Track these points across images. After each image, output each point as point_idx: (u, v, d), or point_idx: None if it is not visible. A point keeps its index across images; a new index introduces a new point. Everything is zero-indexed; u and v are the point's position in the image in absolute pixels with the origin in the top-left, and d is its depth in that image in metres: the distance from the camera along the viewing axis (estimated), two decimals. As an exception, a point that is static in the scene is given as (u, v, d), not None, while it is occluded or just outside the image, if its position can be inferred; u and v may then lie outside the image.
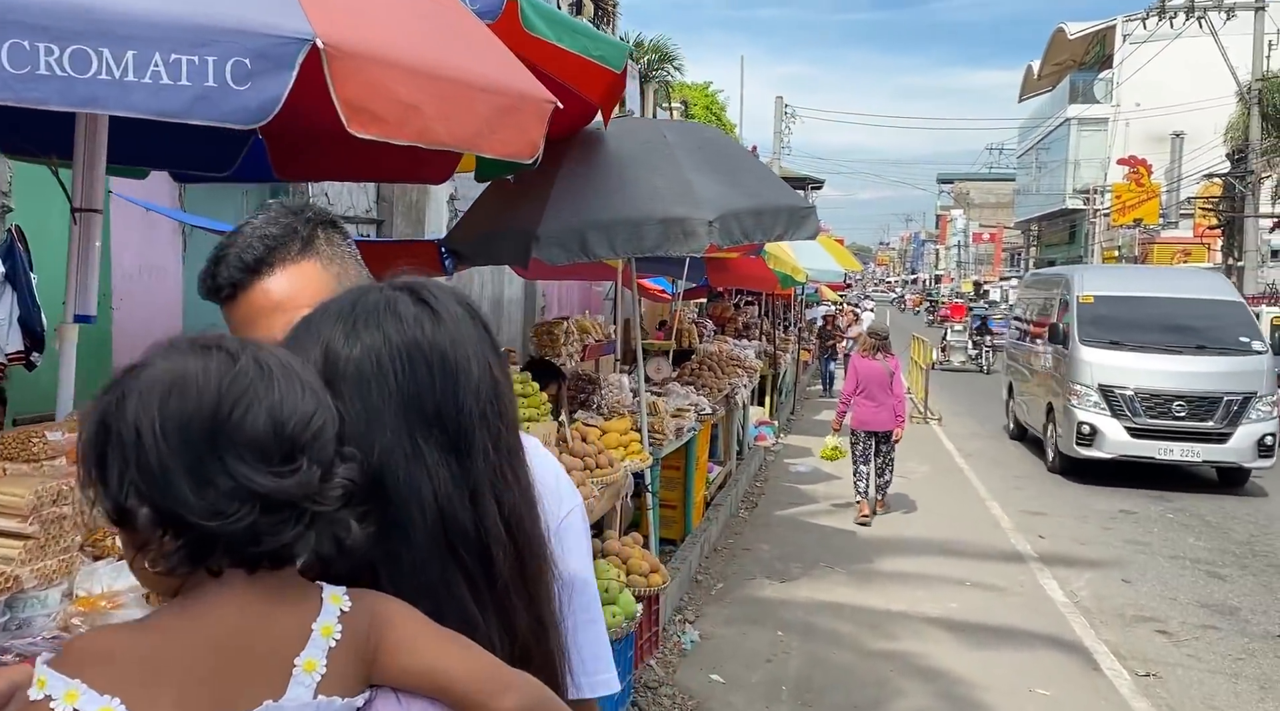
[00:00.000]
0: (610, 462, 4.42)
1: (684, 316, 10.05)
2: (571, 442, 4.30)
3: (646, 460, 5.00)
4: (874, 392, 8.68)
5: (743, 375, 9.67)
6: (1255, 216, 26.33)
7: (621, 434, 4.91)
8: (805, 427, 14.65)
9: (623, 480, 4.52)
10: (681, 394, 7.41)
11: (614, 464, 4.44)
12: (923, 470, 11.62)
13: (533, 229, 4.96)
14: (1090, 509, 9.79)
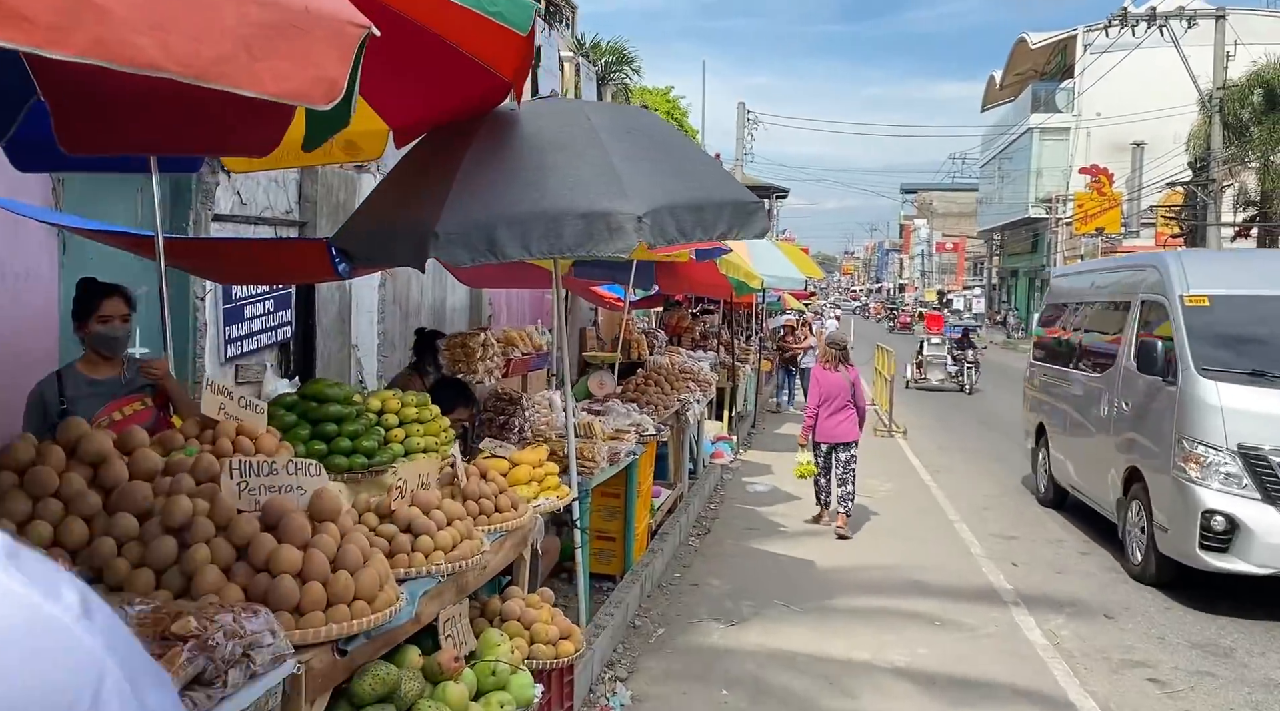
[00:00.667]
0: (514, 504, 3.64)
1: (632, 326, 9.31)
2: (464, 481, 3.51)
3: (566, 495, 4.22)
4: (836, 404, 8.54)
5: (695, 389, 8.94)
6: (1218, 225, 26.13)
7: (535, 466, 4.13)
8: (766, 442, 13.94)
9: (529, 524, 3.74)
10: (622, 412, 6.65)
11: (519, 505, 3.66)
12: (887, 488, 10.94)
13: (430, 225, 4.18)
14: (1064, 531, 9.15)
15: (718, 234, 4.59)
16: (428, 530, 2.98)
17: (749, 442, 13.70)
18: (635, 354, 9.15)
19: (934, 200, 73.46)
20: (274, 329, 8.39)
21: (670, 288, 9.99)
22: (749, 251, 11.40)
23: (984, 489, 11.22)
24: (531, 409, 5.54)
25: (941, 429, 16.53)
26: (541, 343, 6.81)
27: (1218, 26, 25.72)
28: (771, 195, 51.11)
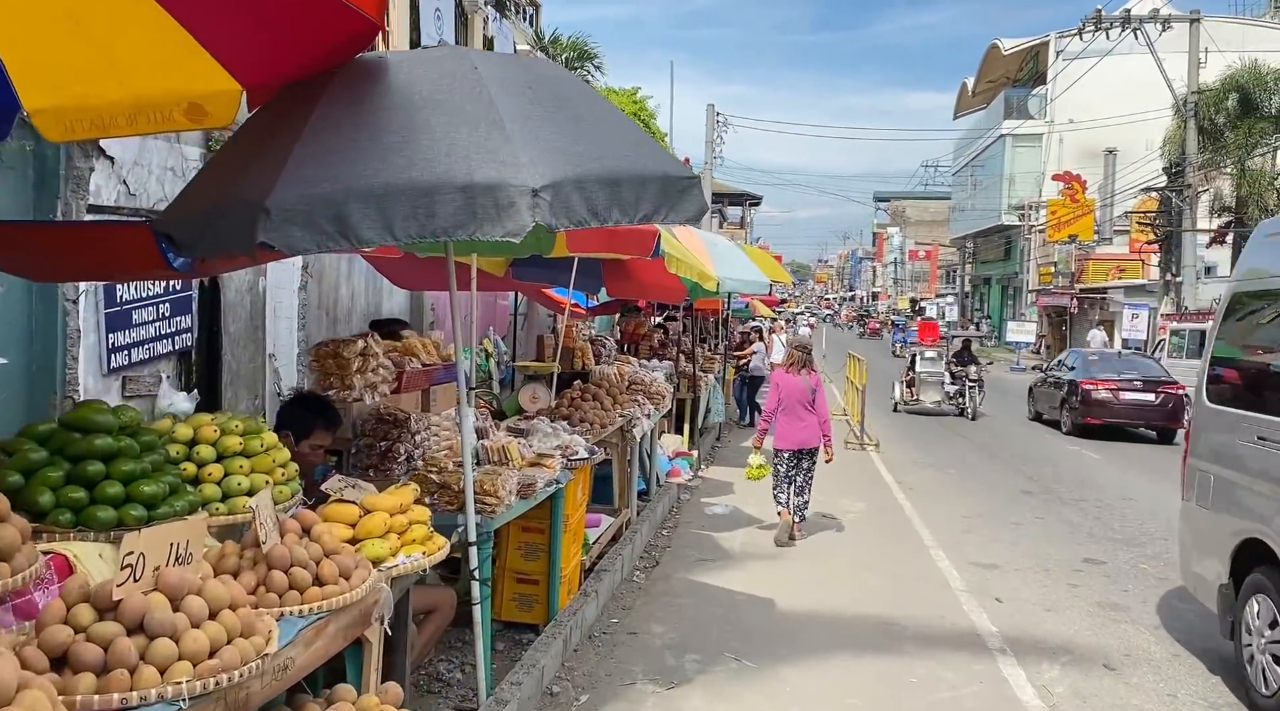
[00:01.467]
0: (346, 571, 2.66)
1: (575, 333, 8.34)
2: (268, 544, 2.53)
3: (436, 550, 3.24)
4: (795, 409, 8.21)
5: (645, 403, 7.98)
6: (1193, 231, 25.57)
7: (394, 512, 3.15)
8: (730, 457, 12.99)
9: (371, 597, 2.76)
10: (549, 432, 5.67)
11: (352, 572, 2.68)
12: (858, 508, 10.03)
13: (262, 200, 3.20)
14: (1050, 558, 8.26)
15: (641, 215, 3.62)
16: (167, 630, 1.99)
17: (712, 458, 12.75)
18: (580, 363, 8.19)
19: (907, 208, 73.14)
20: (170, 336, 7.32)
21: (620, 291, 9.03)
22: (708, 250, 10.47)
23: (960, 508, 10.33)
24: (426, 432, 4.56)
25: (912, 442, 15.67)
26: (448, 352, 5.83)
27: (1192, 30, 25.20)
28: (744, 202, 50.54)
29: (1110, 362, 17.82)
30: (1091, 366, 17.36)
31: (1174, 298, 26.93)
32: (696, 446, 11.92)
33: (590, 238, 5.39)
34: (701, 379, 12.24)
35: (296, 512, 2.85)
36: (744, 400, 16.41)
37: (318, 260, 10.07)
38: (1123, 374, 16.70)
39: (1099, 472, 13.17)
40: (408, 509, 3.23)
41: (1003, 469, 13.21)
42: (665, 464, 9.89)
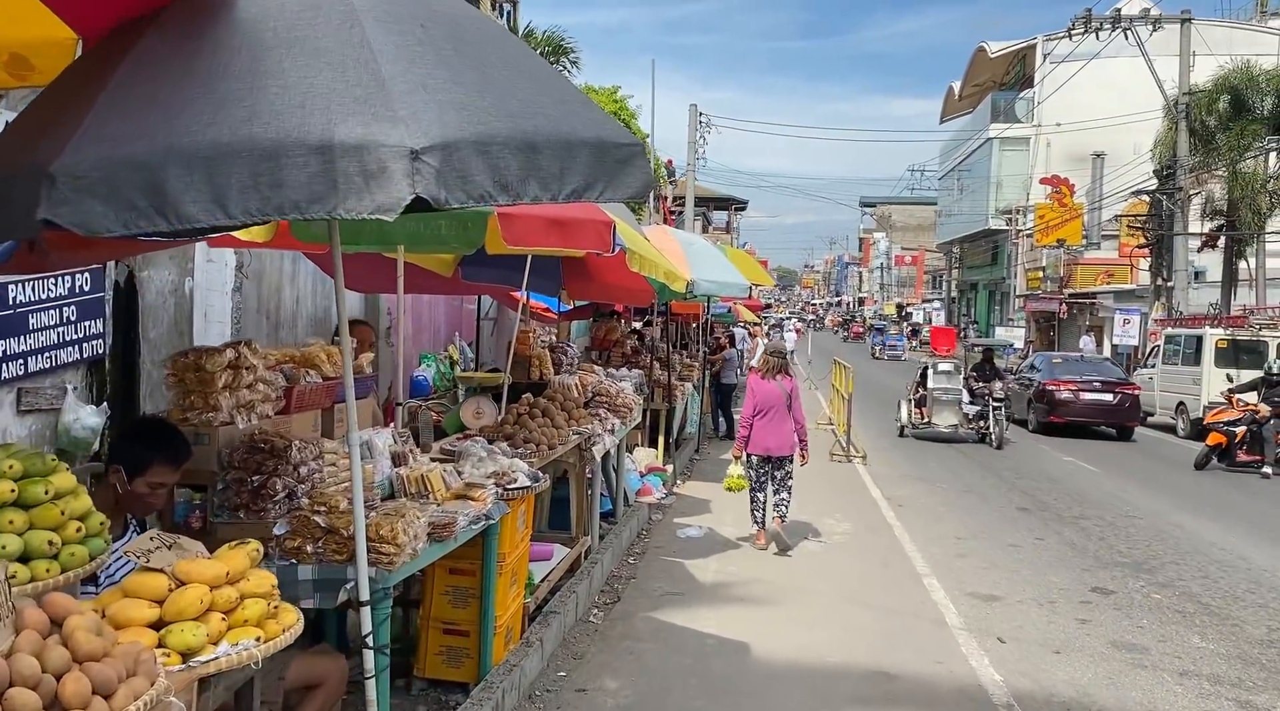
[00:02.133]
0: (105, 687, 1.83)
1: (532, 339, 7.50)
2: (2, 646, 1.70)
3: (280, 632, 2.40)
4: (771, 414, 8.04)
5: (609, 417, 7.15)
6: (1185, 234, 24.94)
7: (218, 584, 2.31)
8: (709, 470, 12.17)
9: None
10: (483, 456, 4.84)
11: (118, 688, 1.85)
12: (844, 529, 9.22)
13: (45, 163, 2.37)
14: (1054, 587, 7.47)
15: (569, 191, 2.78)
16: None
17: (689, 472, 11.93)
18: (537, 373, 7.37)
19: (893, 213, 72.64)
20: (77, 342, 6.47)
21: (581, 293, 8.23)
22: (683, 250, 9.68)
23: (953, 527, 9.54)
24: (315, 463, 3.71)
25: (900, 454, 14.89)
26: (364, 363, 4.97)
27: (1183, 30, 24.61)
28: (730, 206, 49.81)
29: (1072, 365, 18.73)
30: (1055, 369, 18.45)
31: (1165, 303, 26.29)
32: (672, 460, 11.10)
33: (533, 228, 4.57)
34: (678, 388, 11.42)
35: (48, 598, 2.00)
36: (715, 410, 15.60)
37: (256, 259, 9.20)
38: (1084, 376, 17.76)
39: (1096, 487, 12.41)
40: (240, 577, 2.39)
41: (996, 482, 12.44)
42: (635, 481, 9.07)
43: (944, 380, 15.93)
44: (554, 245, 4.63)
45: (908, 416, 16.11)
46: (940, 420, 15.67)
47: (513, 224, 4.42)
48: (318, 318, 10.25)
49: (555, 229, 4.64)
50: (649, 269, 6.27)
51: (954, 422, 15.65)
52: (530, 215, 4.49)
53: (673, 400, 11.02)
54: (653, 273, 6.34)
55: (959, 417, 15.65)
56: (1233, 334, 17.38)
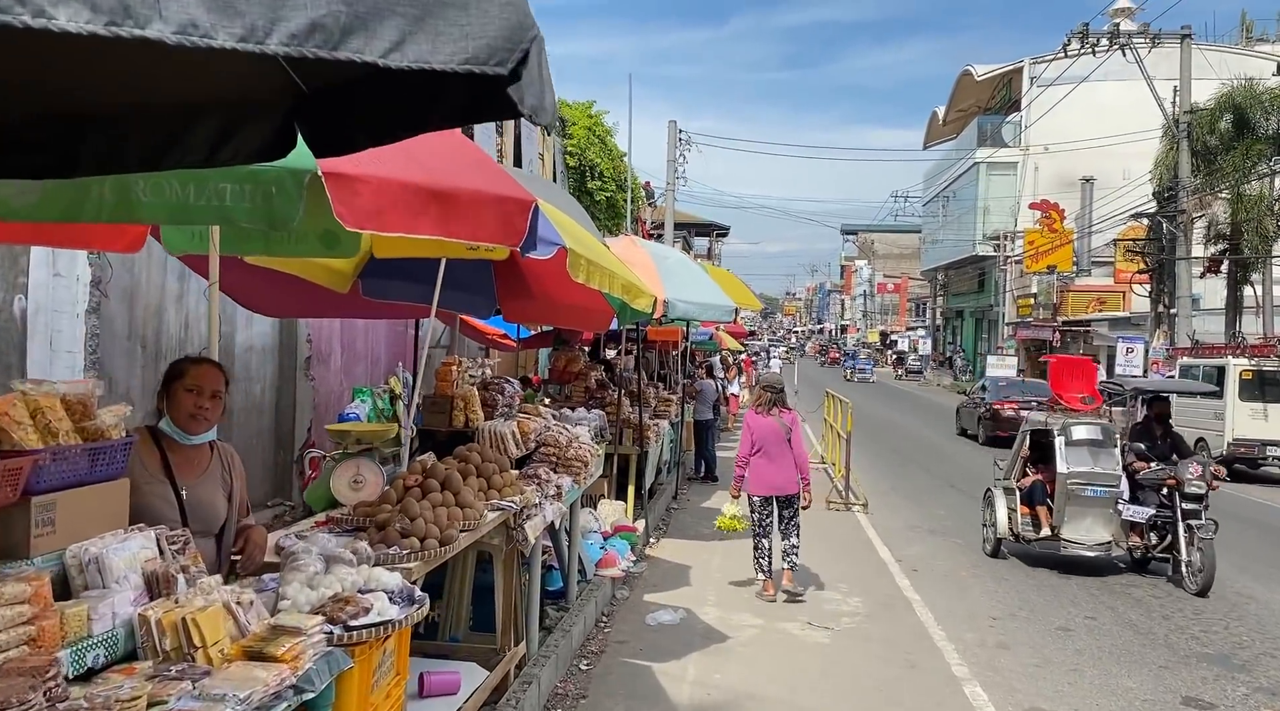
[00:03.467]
0: None
1: (455, 374, 5.67)
2: None
3: None
4: (771, 451, 7.43)
5: (550, 479, 5.31)
6: (1188, 259, 23.44)
7: None
8: (689, 524, 10.32)
9: None
10: (318, 570, 3.00)
11: None
12: (854, 606, 7.38)
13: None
14: (1135, 699, 5.65)
15: (334, 41, 1.00)
16: None
17: (664, 527, 10.07)
18: (461, 418, 5.55)
19: (875, 241, 71.44)
20: None
21: (520, 313, 6.43)
22: (655, 264, 7.91)
23: (983, 601, 7.73)
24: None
25: (903, 497, 13.11)
26: (109, 423, 3.09)
27: (1183, 46, 23.26)
28: (712, 232, 48.28)
29: (1016, 387, 21.94)
30: (1001, 390, 21.57)
31: (1166, 331, 24.77)
32: (644, 514, 9.25)
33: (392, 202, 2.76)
34: (652, 428, 9.59)
35: None
36: (695, 449, 13.76)
37: (121, 274, 7.31)
38: (1025, 395, 20.26)
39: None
40: None
41: (1019, 536, 10.64)
42: (595, 551, 7.20)
43: (1085, 458, 8.62)
44: (430, 231, 2.84)
45: (1009, 521, 8.97)
46: (1079, 533, 8.53)
47: (355, 192, 2.62)
48: (222, 348, 8.38)
49: (433, 205, 2.83)
50: (602, 280, 4.48)
51: (1104, 538, 8.50)
52: (387, 179, 2.69)
53: (645, 443, 9.19)
54: (607, 286, 4.54)
55: (1115, 528, 8.57)
56: (1259, 364, 15.76)
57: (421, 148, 2.93)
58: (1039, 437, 9.25)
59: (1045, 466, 9.07)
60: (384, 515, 3.58)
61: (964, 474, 15.57)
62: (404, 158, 2.83)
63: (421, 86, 1.74)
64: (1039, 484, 8.99)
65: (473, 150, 3.37)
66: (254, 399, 8.90)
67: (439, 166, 2.96)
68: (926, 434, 22.82)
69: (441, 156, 3.03)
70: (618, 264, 4.89)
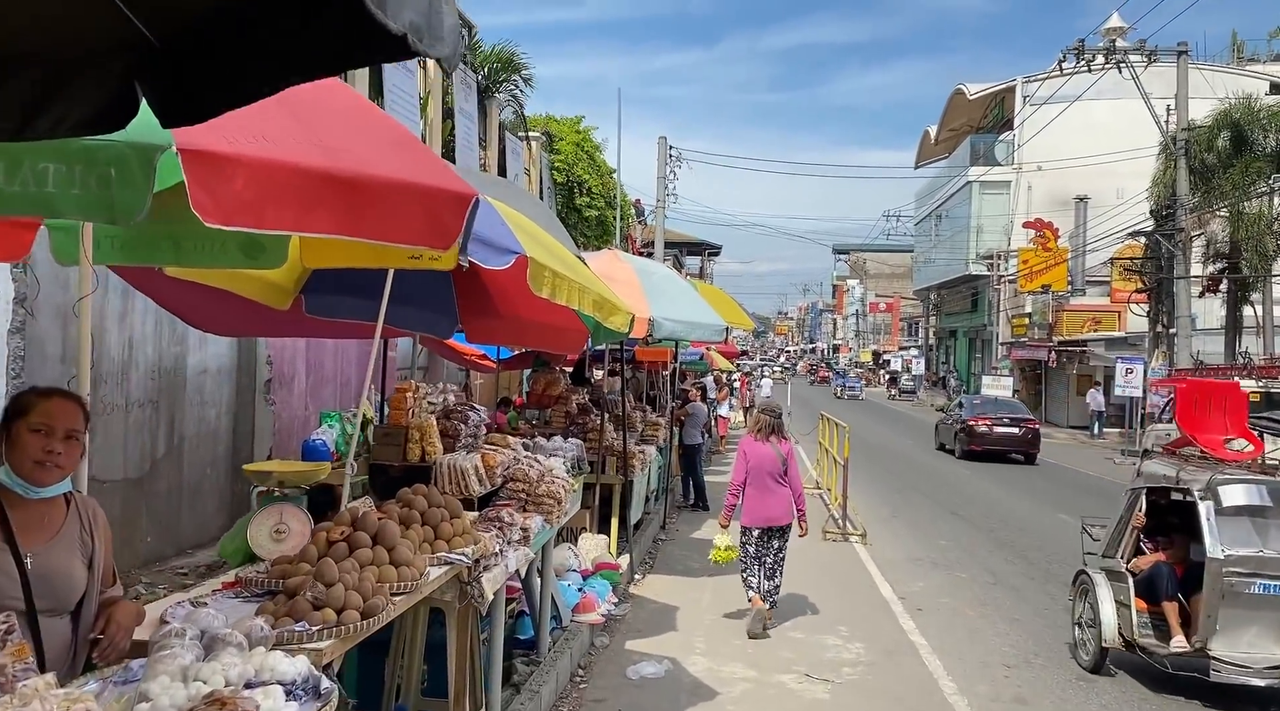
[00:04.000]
0: None
1: (409, 399, 5.03)
2: None
3: None
4: (766, 481, 7.08)
5: (516, 521, 4.66)
6: (1187, 277, 22.97)
7: None
8: (677, 557, 9.66)
9: None
10: (187, 663, 2.35)
11: None
12: (855, 653, 6.72)
13: None
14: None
15: None
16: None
17: (650, 562, 9.39)
18: (416, 451, 4.91)
19: (867, 260, 71.10)
20: None
21: (485, 334, 5.79)
22: (640, 280, 7.30)
23: (995, 646, 7.08)
24: None
25: (904, 524, 12.46)
26: None
27: (1180, 62, 22.90)
28: (703, 251, 47.79)
29: (988, 405, 22.79)
30: (975, 408, 22.20)
31: (1165, 351, 24.26)
32: (629, 548, 8.59)
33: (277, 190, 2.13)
34: (637, 455, 8.93)
35: None
36: (684, 475, 13.08)
37: (54, 290, 6.68)
38: (997, 413, 21.53)
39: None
40: None
41: (1024, 567, 10.02)
42: (572, 594, 6.54)
43: (1247, 535, 5.84)
44: (328, 229, 2.21)
45: (1119, 623, 6.29)
46: (1239, 648, 5.73)
47: (223, 177, 1.99)
48: (164, 368, 7.72)
49: (333, 196, 2.20)
50: (570, 295, 3.86)
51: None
52: (269, 161, 2.07)
53: (631, 472, 8.54)
54: (576, 302, 3.91)
55: None
56: (1266, 386, 15.18)
57: (321, 120, 2.30)
58: (1160, 497, 6.65)
59: (1169, 539, 6.49)
60: (295, 580, 2.93)
61: (965, 499, 14.95)
62: (295, 133, 2.21)
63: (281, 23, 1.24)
64: (1165, 567, 6.19)
65: (392, 127, 2.73)
66: (208, 425, 8.23)
67: (344, 146, 2.33)
68: (922, 456, 22.21)
69: (348, 133, 2.41)
70: (590, 277, 4.27)
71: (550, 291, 3.64)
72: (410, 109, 12.10)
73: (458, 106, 14.10)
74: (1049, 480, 18.36)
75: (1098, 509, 14.87)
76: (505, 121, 17.10)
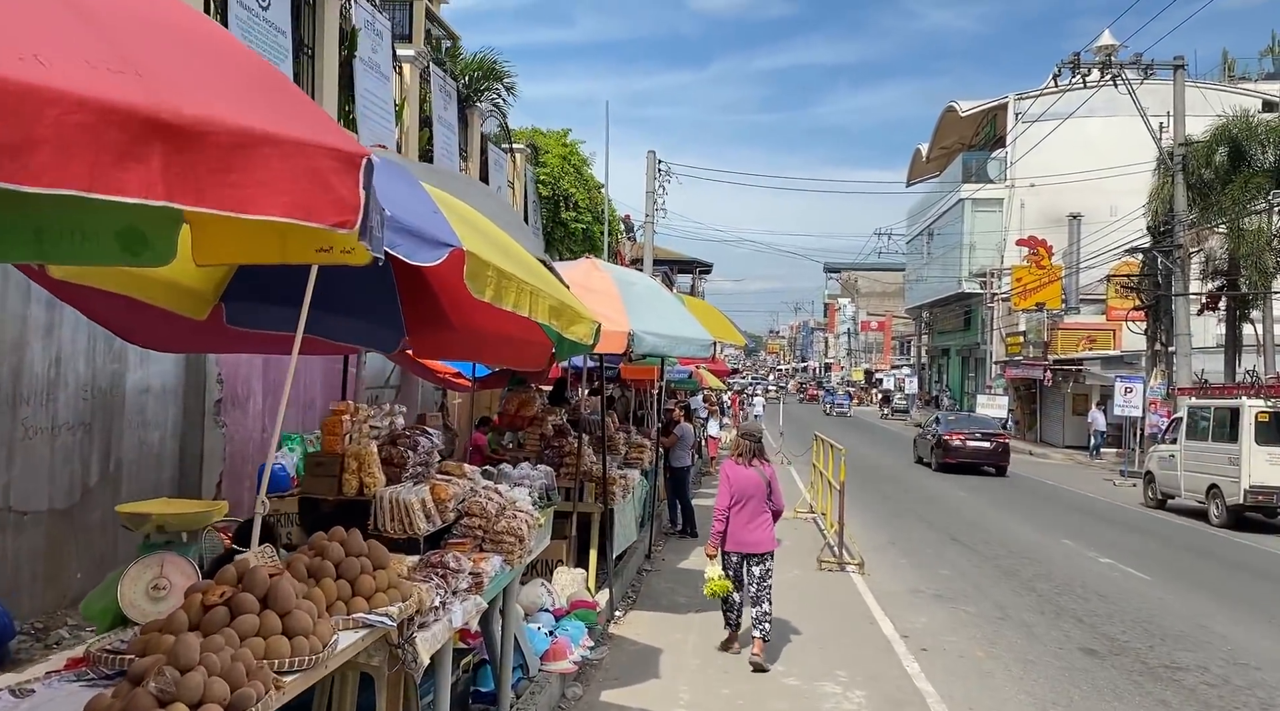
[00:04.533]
0: None
1: (344, 424, 4.35)
2: None
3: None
4: (749, 505, 6.79)
5: (463, 569, 3.98)
6: (1185, 295, 22.46)
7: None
8: (663, 592, 8.95)
9: None
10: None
11: None
12: (855, 702, 6.03)
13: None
14: None
15: None
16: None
17: (633, 596, 8.68)
18: (354, 482, 4.23)
19: (858, 279, 70.72)
20: None
21: (434, 348, 5.08)
22: (618, 287, 6.66)
23: (1011, 695, 6.38)
24: None
25: (902, 550, 11.78)
26: None
27: (1176, 76, 22.52)
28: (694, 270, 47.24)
29: (962, 421, 24.37)
30: (950, 424, 23.58)
31: (1164, 370, 23.73)
32: (609, 583, 7.88)
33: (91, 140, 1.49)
34: (618, 481, 8.25)
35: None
36: (671, 500, 12.37)
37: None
38: (969, 428, 22.95)
39: (1165, 608, 9.36)
40: None
41: (1032, 600, 9.34)
42: (541, 640, 5.83)
43: None
44: (145, 193, 1.56)
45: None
46: None
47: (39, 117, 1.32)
48: (98, 387, 7.02)
49: (161, 145, 1.55)
50: (520, 299, 3.21)
51: None
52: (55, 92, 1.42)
53: (611, 499, 7.86)
54: (527, 307, 3.26)
55: None
56: (1275, 405, 14.61)
57: (135, 37, 1.65)
58: None
59: None
60: (142, 662, 2.24)
61: (965, 525, 14.28)
62: (92, 50, 1.54)
63: None
64: None
65: (254, 62, 2.07)
66: (150, 449, 7.52)
67: (177, 77, 1.67)
68: (917, 477, 21.55)
69: (180, 59, 1.75)
70: (549, 280, 3.61)
71: (494, 294, 2.99)
72: (384, 115, 11.49)
73: (436, 115, 13.50)
74: (1050, 503, 17.73)
75: (1102, 533, 14.30)
76: (490, 135, 16.52)
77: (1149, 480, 17.72)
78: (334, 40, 10.54)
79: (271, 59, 8.81)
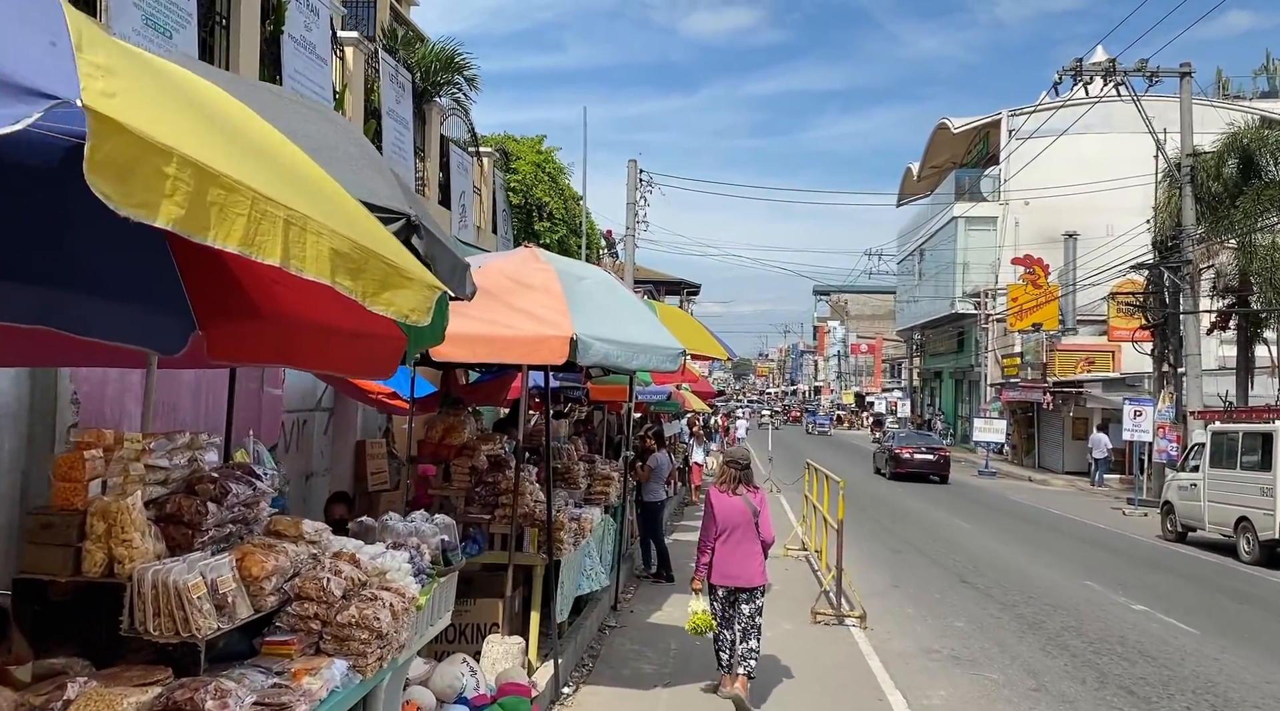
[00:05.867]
0: None
1: (95, 465, 2.79)
2: None
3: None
4: (736, 535, 6.15)
5: (243, 700, 2.39)
6: (1195, 312, 21.05)
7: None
8: (628, 656, 7.33)
9: None
10: None
11: None
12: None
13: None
14: None
15: None
16: None
17: (590, 664, 7.04)
18: (102, 557, 2.67)
19: (848, 301, 69.46)
20: None
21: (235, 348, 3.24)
22: (560, 282, 5.11)
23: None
24: None
25: (911, 599, 10.18)
26: None
27: (1183, 84, 21.22)
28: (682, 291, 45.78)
29: (911, 437, 28.28)
30: (901, 439, 27.50)
31: (1172, 392, 22.27)
32: (555, 653, 6.26)
33: None
34: (566, 526, 6.65)
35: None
36: (644, 539, 10.75)
37: None
38: (916, 443, 26.44)
39: (1219, 670, 7.79)
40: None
41: (1068, 662, 7.76)
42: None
43: None
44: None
45: None
46: None
47: None
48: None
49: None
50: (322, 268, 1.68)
51: None
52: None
53: (558, 548, 6.26)
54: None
55: None
56: (1315, 430, 13.12)
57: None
58: None
59: None
60: None
61: (975, 563, 12.69)
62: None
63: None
64: None
65: None
66: None
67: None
68: (914, 504, 19.95)
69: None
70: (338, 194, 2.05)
71: (311, 268, 1.44)
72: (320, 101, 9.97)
73: (387, 108, 11.97)
74: (1060, 535, 16.15)
75: (1124, 571, 12.75)
76: (457, 140, 15.03)
77: (1167, 511, 16.17)
78: (254, 11, 9.04)
79: (169, 26, 7.30)
